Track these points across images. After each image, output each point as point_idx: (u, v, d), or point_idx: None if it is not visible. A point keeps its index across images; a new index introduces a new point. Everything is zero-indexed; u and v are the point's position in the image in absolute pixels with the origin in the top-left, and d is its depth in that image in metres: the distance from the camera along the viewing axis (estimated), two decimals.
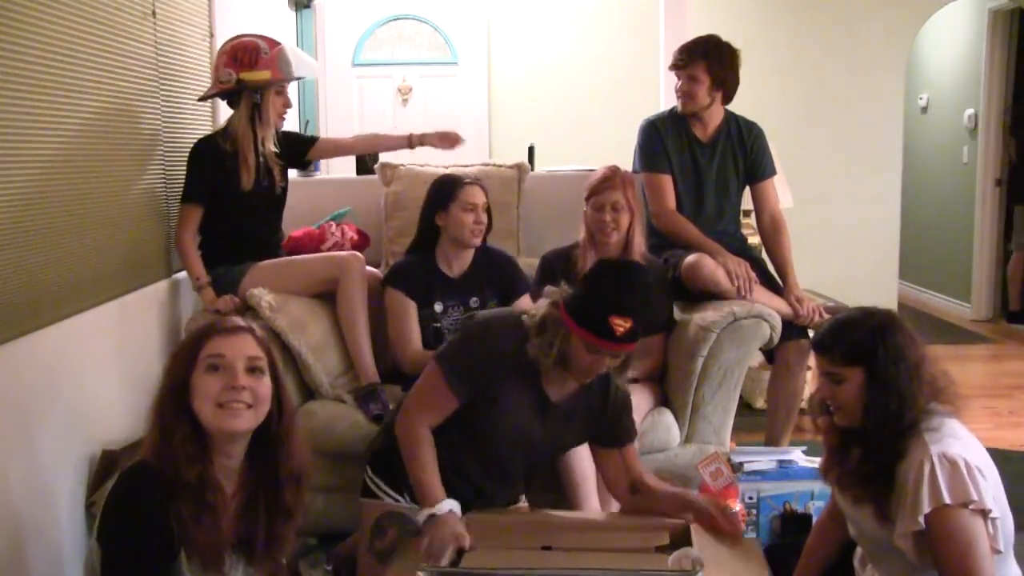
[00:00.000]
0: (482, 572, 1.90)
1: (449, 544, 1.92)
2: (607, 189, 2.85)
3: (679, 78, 3.18)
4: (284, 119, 3.02)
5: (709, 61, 3.14)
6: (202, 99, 3.12)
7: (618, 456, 2.27)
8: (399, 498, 2.23)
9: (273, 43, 2.91)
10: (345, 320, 2.88)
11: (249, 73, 2.84)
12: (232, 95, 2.91)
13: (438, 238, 2.90)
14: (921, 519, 1.77)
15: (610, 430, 2.27)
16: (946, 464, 1.78)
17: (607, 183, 2.86)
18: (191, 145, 2.94)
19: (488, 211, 2.88)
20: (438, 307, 2.87)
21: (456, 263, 2.91)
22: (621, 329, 2.00)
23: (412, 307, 2.85)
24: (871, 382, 1.88)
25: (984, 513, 1.77)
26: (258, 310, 2.74)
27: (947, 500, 1.75)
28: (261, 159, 2.93)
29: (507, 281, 2.95)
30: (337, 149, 3.32)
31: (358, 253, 3.02)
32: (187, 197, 2.89)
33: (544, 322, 2.09)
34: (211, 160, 2.87)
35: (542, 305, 2.14)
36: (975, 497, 1.75)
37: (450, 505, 2.03)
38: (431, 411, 2.14)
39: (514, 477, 2.33)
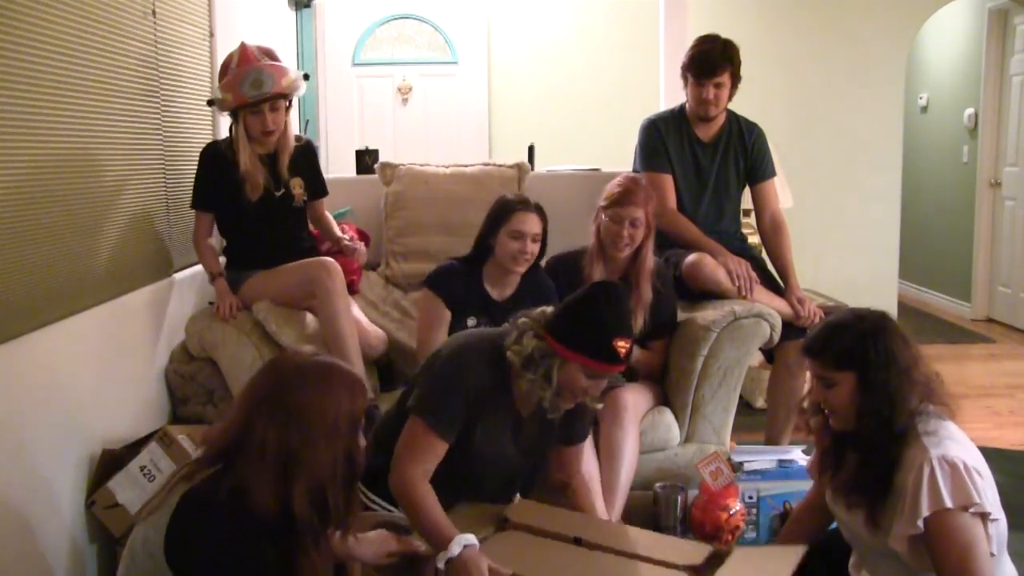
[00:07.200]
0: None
1: None
2: (629, 204, 2.77)
3: (703, 86, 3.11)
4: (271, 138, 2.80)
5: (733, 65, 3.12)
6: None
7: (564, 452, 2.31)
8: (392, 509, 2.25)
9: (247, 59, 2.72)
10: (331, 332, 2.75)
11: (221, 91, 2.76)
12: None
13: (490, 255, 2.77)
14: (920, 523, 1.76)
15: (568, 429, 2.27)
16: (946, 467, 1.77)
17: (630, 197, 2.78)
18: (191, 145, 2.92)
19: (543, 239, 2.73)
20: (471, 322, 2.74)
21: (501, 286, 2.78)
22: (624, 350, 2.00)
23: (446, 317, 2.73)
24: (862, 386, 1.87)
25: (984, 515, 1.77)
26: (265, 324, 2.77)
27: (948, 503, 1.74)
28: (271, 168, 2.84)
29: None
30: (318, 221, 3.08)
31: (333, 260, 2.86)
32: (194, 203, 2.90)
33: (532, 356, 2.03)
34: (214, 168, 2.83)
35: (524, 336, 2.06)
36: (977, 500, 1.75)
37: (463, 541, 1.92)
38: (425, 462, 2.06)
39: (491, 492, 2.28)
